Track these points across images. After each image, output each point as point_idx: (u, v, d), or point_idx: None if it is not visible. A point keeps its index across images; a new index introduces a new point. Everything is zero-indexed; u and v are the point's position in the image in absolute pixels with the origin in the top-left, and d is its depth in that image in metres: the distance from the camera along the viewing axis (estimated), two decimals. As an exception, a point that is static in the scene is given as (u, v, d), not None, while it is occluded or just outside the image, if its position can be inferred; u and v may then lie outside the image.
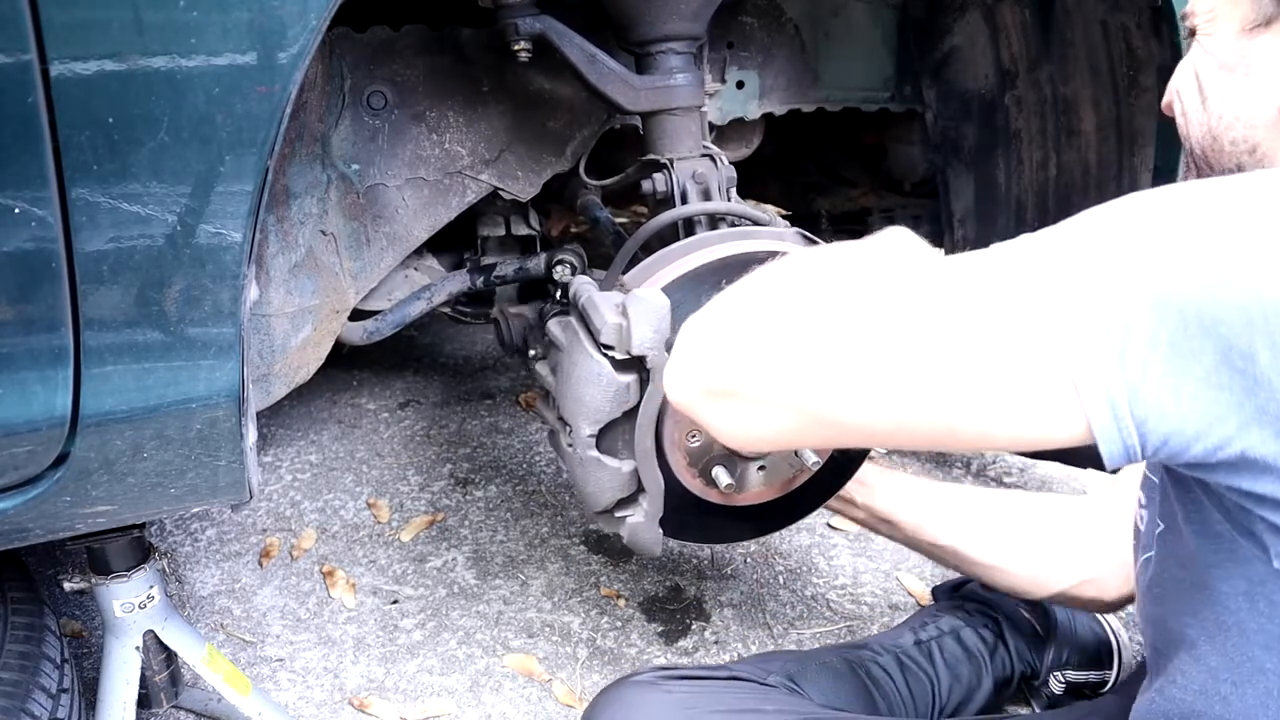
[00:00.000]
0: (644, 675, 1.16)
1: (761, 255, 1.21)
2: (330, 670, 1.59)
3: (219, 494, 1.13)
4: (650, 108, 1.38)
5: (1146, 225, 0.63)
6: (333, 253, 1.52)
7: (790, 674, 1.22)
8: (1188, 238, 0.61)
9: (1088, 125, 1.73)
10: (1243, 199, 0.63)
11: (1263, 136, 0.80)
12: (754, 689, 1.17)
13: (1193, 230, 0.62)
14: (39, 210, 0.86)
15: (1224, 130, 0.82)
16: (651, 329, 1.12)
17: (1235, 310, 0.58)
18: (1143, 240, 0.62)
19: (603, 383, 1.15)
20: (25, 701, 1.14)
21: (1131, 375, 0.61)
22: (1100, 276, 0.62)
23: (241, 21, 0.87)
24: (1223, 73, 0.82)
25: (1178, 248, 0.61)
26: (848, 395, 0.70)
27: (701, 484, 1.27)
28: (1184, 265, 0.60)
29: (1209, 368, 0.59)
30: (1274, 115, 0.78)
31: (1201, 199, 0.64)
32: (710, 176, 1.41)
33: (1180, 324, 0.60)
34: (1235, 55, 0.80)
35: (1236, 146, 0.81)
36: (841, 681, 1.25)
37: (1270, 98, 0.78)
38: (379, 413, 2.44)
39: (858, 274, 0.79)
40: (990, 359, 0.65)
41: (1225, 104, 0.82)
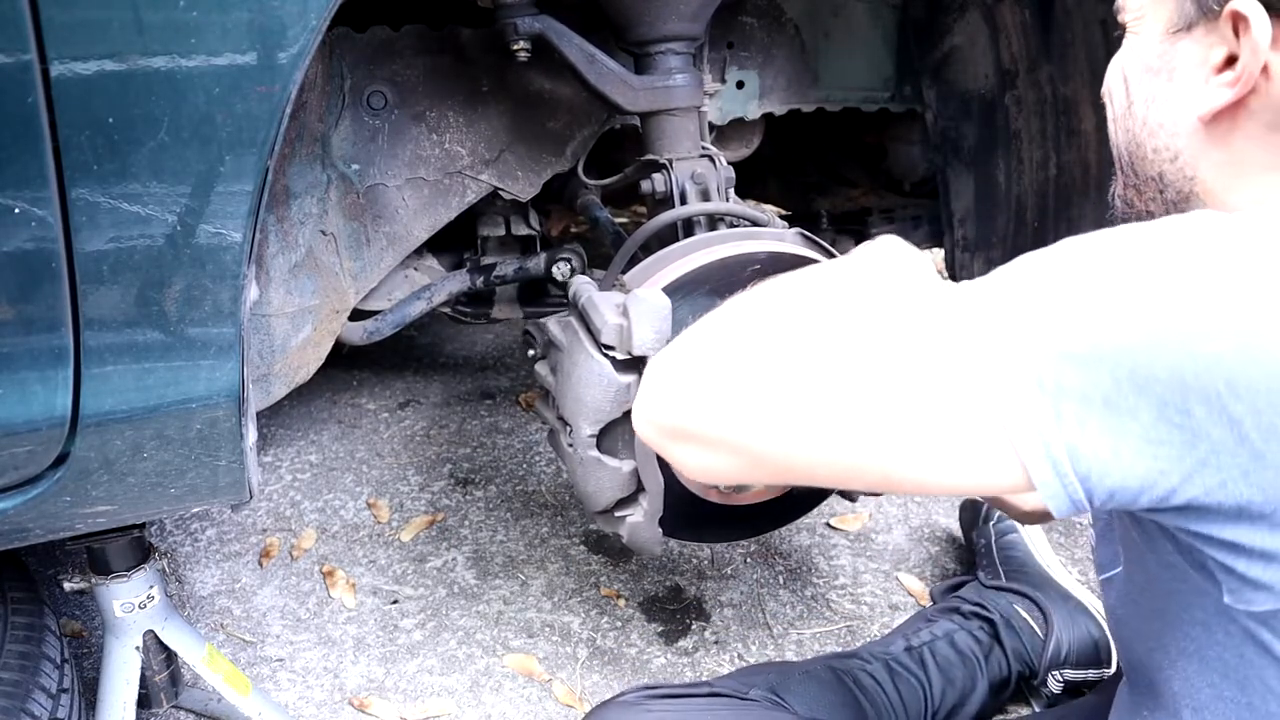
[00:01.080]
0: (629, 696, 1.16)
1: (760, 255, 1.21)
2: (330, 670, 1.59)
3: (219, 494, 1.13)
4: (649, 108, 1.38)
5: (1082, 278, 0.64)
6: (333, 253, 1.52)
7: (772, 686, 1.21)
8: (1120, 293, 0.61)
9: (1088, 125, 1.73)
10: (1174, 251, 0.63)
11: (1184, 144, 0.77)
12: (734, 705, 1.16)
13: (1125, 284, 0.62)
14: (39, 210, 0.86)
15: (1147, 136, 0.79)
16: (652, 329, 1.12)
17: (1168, 369, 0.59)
18: (1077, 294, 0.63)
19: (604, 383, 1.16)
20: (25, 701, 1.14)
21: (1070, 434, 0.61)
22: (1035, 332, 0.62)
23: (241, 21, 0.87)
24: (1147, 76, 0.79)
25: (1110, 303, 0.61)
26: (788, 441, 0.71)
27: (701, 484, 1.27)
28: (1116, 322, 0.61)
29: (1147, 424, 0.60)
30: (1193, 123, 0.75)
31: (1135, 250, 0.64)
32: (709, 177, 1.41)
33: (1114, 382, 0.60)
34: (1159, 58, 0.78)
35: (1159, 154, 0.79)
36: (827, 691, 1.24)
37: (1190, 105, 0.75)
38: (379, 413, 2.44)
39: (809, 313, 0.79)
40: (926, 410, 0.65)
41: (1149, 109, 0.79)
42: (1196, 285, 0.60)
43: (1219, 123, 0.74)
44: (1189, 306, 0.60)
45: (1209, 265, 0.61)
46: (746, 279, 1.21)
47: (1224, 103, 0.72)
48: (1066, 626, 1.45)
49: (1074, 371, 0.61)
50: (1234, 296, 0.60)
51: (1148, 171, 0.80)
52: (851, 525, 1.96)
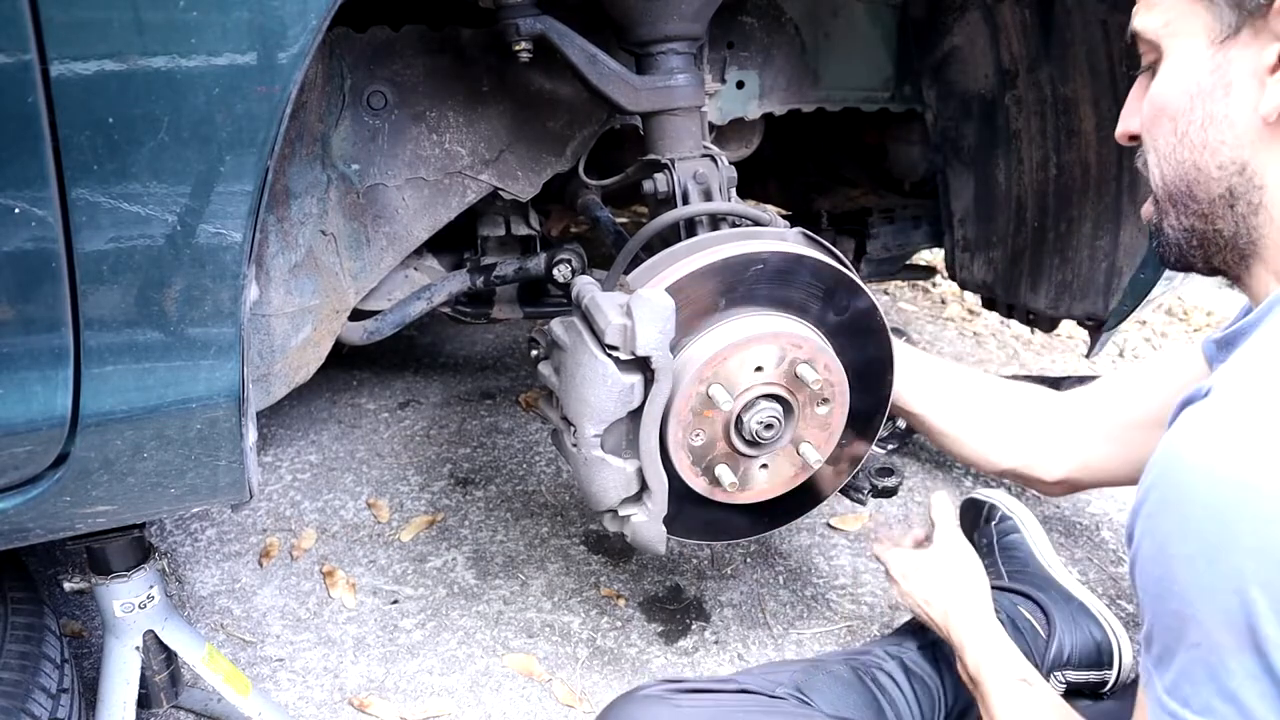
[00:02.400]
0: (652, 689, 1.16)
1: (763, 255, 1.22)
2: (330, 670, 1.59)
3: (219, 494, 1.13)
4: (651, 108, 1.38)
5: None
6: (333, 253, 1.52)
7: (798, 685, 1.22)
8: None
9: (1088, 125, 1.73)
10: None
11: (1250, 154, 0.76)
12: (763, 703, 1.17)
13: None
14: (39, 210, 0.86)
15: (1209, 158, 0.78)
16: (657, 330, 1.13)
17: None
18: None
19: (608, 383, 1.16)
20: (25, 701, 1.14)
21: None
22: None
23: (241, 21, 0.87)
24: (1199, 99, 0.78)
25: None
26: None
27: (705, 483, 1.27)
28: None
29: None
30: (1258, 125, 0.75)
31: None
32: (711, 177, 1.41)
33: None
34: (1211, 74, 0.77)
35: (1225, 170, 0.78)
36: (849, 691, 1.25)
37: (1252, 111, 0.75)
38: (379, 413, 2.44)
39: None
40: None
41: (1207, 131, 0.78)
42: None
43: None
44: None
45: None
46: (750, 279, 1.22)
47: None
48: (1068, 627, 1.45)
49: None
50: None
51: (1213, 192, 0.79)
52: (851, 525, 1.96)
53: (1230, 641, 0.60)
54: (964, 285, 2.14)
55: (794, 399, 1.26)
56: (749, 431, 1.24)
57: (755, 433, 1.23)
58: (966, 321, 3.32)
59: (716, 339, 1.21)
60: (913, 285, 3.61)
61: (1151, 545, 0.65)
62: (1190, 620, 0.62)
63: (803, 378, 1.23)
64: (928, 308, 3.45)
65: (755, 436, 1.24)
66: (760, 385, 1.23)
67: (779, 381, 1.24)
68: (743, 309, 1.23)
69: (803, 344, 1.23)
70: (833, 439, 1.31)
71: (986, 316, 3.29)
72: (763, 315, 1.24)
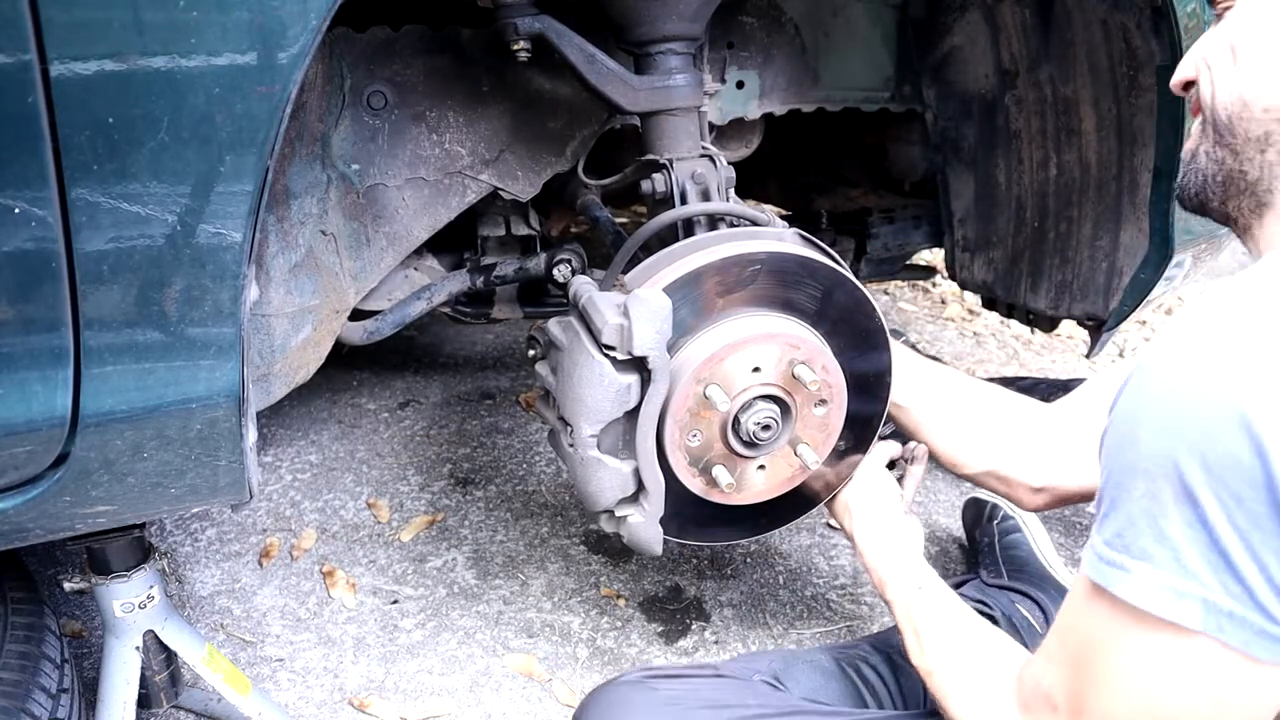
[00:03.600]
0: (632, 675, 1.18)
1: (760, 255, 1.21)
2: (330, 670, 1.59)
3: (219, 494, 1.13)
4: (649, 108, 1.38)
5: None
6: (333, 253, 1.52)
7: (775, 672, 1.23)
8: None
9: (1088, 125, 1.73)
10: None
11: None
12: (738, 685, 1.18)
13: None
14: (39, 210, 0.86)
15: (1256, 95, 0.81)
16: (653, 329, 1.12)
17: None
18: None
19: (604, 383, 1.16)
20: (25, 701, 1.14)
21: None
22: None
23: (241, 21, 0.87)
24: (1262, 36, 0.81)
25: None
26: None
27: (702, 483, 1.27)
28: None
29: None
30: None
31: None
32: (709, 177, 1.41)
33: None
34: (1275, 19, 0.79)
35: (1269, 114, 0.80)
36: (829, 679, 1.25)
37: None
38: (379, 413, 2.44)
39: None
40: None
41: (1261, 67, 0.81)
42: None
43: None
44: None
45: None
46: (747, 279, 1.21)
47: None
48: None
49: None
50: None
51: (1252, 132, 0.82)
52: (851, 525, 1.96)
53: (1170, 492, 0.67)
54: (964, 285, 2.14)
55: (791, 400, 1.25)
56: (746, 432, 1.23)
57: (752, 434, 1.23)
58: (966, 321, 3.32)
59: (714, 339, 1.20)
60: (913, 285, 3.62)
61: (1123, 410, 0.73)
62: (1141, 473, 0.69)
63: (800, 378, 1.23)
64: (928, 308, 3.45)
65: (752, 437, 1.23)
66: (758, 386, 1.22)
67: (776, 382, 1.23)
68: (740, 309, 1.23)
69: (800, 345, 1.22)
70: (831, 440, 1.31)
71: (986, 316, 3.29)
72: (760, 316, 1.23)
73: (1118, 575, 0.71)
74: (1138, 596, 0.69)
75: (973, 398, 1.41)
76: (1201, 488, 0.65)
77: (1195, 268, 1.76)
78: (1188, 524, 0.66)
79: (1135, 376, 0.72)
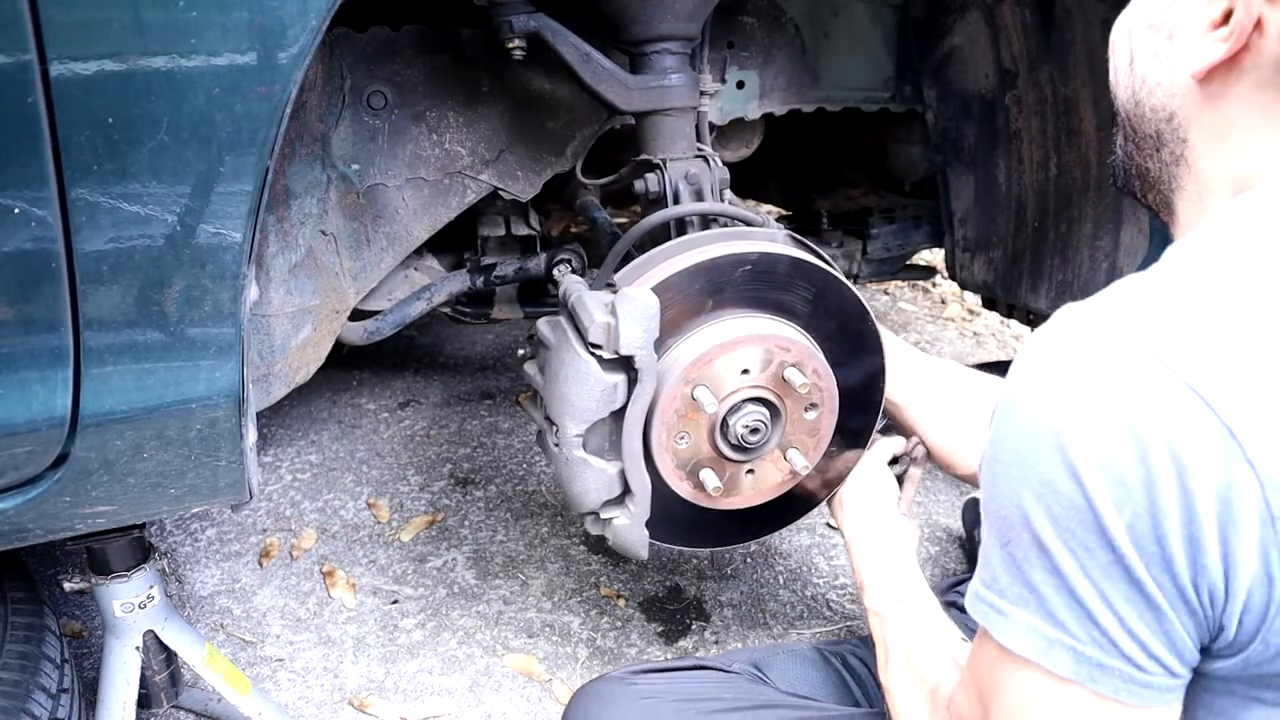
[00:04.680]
0: (615, 674, 1.19)
1: (751, 255, 1.20)
2: (330, 670, 1.59)
3: (219, 494, 1.13)
4: (644, 108, 1.38)
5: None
6: (333, 253, 1.52)
7: (755, 661, 1.23)
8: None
9: (1088, 125, 1.73)
10: None
11: (1179, 104, 0.74)
12: (716, 677, 1.18)
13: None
14: (39, 210, 0.86)
15: (1145, 95, 0.77)
16: (640, 329, 1.10)
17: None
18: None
19: (590, 382, 1.14)
20: (25, 701, 1.14)
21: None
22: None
23: (241, 21, 0.87)
24: (1150, 32, 0.77)
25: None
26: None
27: (690, 487, 1.25)
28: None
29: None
30: (1188, 83, 0.73)
31: None
32: (703, 177, 1.41)
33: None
34: (1162, 13, 0.76)
35: (1156, 113, 0.77)
36: (812, 669, 1.24)
37: (1187, 64, 0.72)
38: (379, 413, 2.44)
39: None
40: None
41: (1149, 66, 0.77)
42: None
43: (1212, 81, 0.72)
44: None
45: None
46: (737, 280, 1.20)
47: (1217, 58, 0.70)
48: None
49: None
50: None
51: (1145, 130, 0.79)
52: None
53: (1027, 540, 0.66)
54: (964, 285, 2.14)
55: (781, 403, 1.23)
56: (735, 435, 1.21)
57: (741, 437, 1.21)
58: (966, 321, 3.32)
59: (702, 340, 1.18)
60: (913, 285, 3.61)
61: (989, 452, 0.71)
62: (1001, 519, 0.68)
63: (790, 381, 1.20)
64: (928, 308, 3.44)
65: (741, 441, 1.21)
66: (747, 388, 1.20)
67: (766, 385, 1.21)
68: (730, 310, 1.21)
69: (790, 347, 1.20)
70: (821, 445, 1.28)
71: (986, 316, 3.29)
72: (750, 317, 1.21)
73: (995, 618, 0.70)
74: (1012, 641, 0.68)
75: (969, 396, 1.38)
76: (1051, 538, 0.64)
77: (1195, 268, 1.75)
78: (1047, 572, 0.65)
79: (998, 408, 0.70)
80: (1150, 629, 0.63)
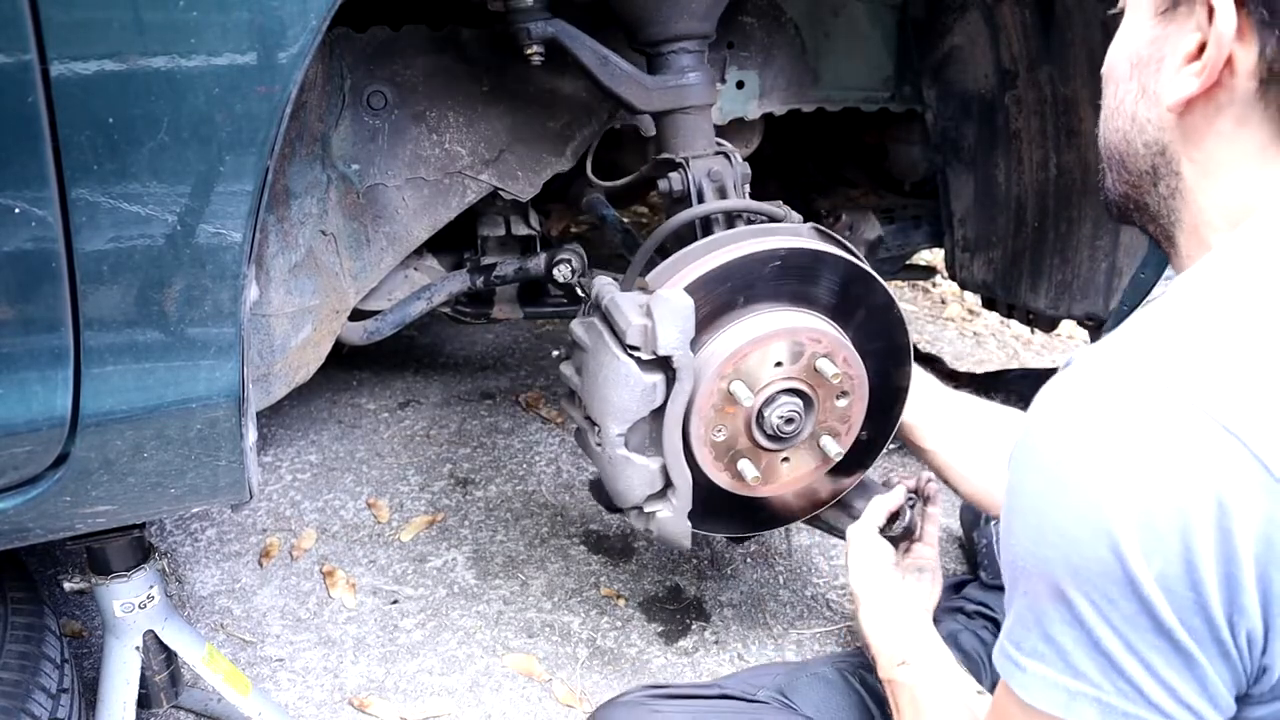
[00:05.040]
0: (632, 695, 1.17)
1: (780, 251, 1.23)
2: (330, 670, 1.59)
3: (219, 494, 1.13)
4: (663, 107, 1.39)
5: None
6: (333, 253, 1.52)
7: (780, 687, 1.21)
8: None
9: (1088, 125, 1.73)
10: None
11: (1169, 139, 0.73)
12: (743, 707, 1.17)
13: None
14: (39, 210, 0.86)
15: (1137, 132, 0.75)
16: (677, 329, 1.14)
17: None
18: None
19: (630, 383, 1.17)
20: (25, 701, 1.14)
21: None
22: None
23: (241, 21, 0.87)
24: (1137, 70, 0.75)
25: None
26: None
27: (729, 477, 1.29)
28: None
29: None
30: (1173, 116, 0.71)
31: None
32: (725, 174, 1.42)
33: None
34: (1149, 45, 0.73)
35: (1149, 149, 0.75)
36: (835, 692, 1.24)
37: (1171, 93, 0.70)
38: (379, 413, 2.44)
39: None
40: None
41: (1138, 104, 0.75)
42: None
43: (1192, 115, 0.71)
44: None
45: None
46: (767, 275, 1.23)
47: (1190, 93, 0.68)
48: None
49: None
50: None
51: (1140, 167, 0.77)
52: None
53: (1045, 590, 0.65)
54: (964, 285, 2.14)
55: (814, 393, 1.27)
56: (770, 426, 1.25)
57: (776, 427, 1.25)
58: (966, 321, 3.31)
59: (736, 336, 1.22)
60: (913, 285, 3.61)
61: (1006, 501, 0.69)
62: (1020, 571, 0.67)
63: (822, 371, 1.25)
64: (928, 308, 3.44)
65: (776, 431, 1.26)
66: (780, 380, 1.25)
67: (799, 376, 1.25)
68: (761, 305, 1.25)
69: (821, 338, 1.25)
70: (853, 431, 1.33)
71: (986, 316, 3.29)
72: (781, 311, 1.25)
73: (1015, 671, 0.68)
74: (1031, 695, 0.67)
75: (984, 421, 1.37)
76: (1072, 589, 0.63)
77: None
78: (1066, 623, 0.64)
79: (1016, 456, 0.69)
80: (1180, 675, 0.61)
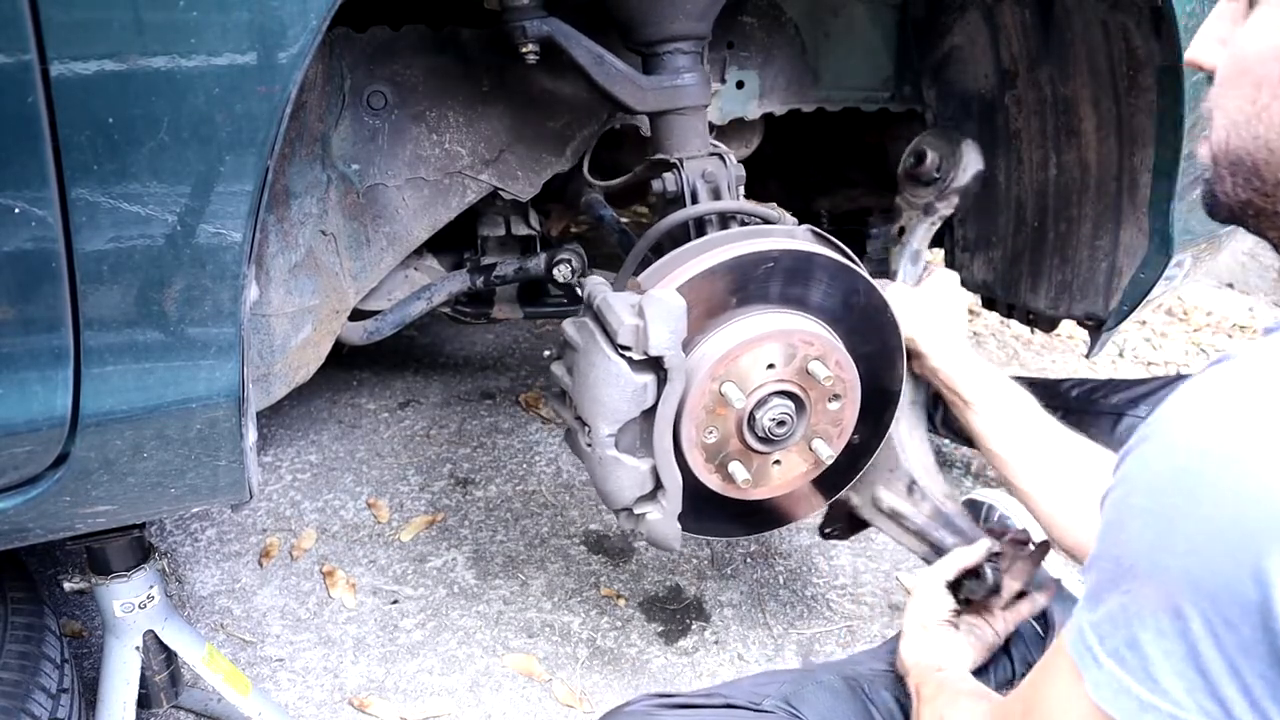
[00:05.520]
0: (637, 705, 1.16)
1: (773, 253, 1.22)
2: (330, 670, 1.59)
3: (219, 494, 1.13)
4: (658, 108, 1.39)
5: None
6: (333, 253, 1.52)
7: (786, 696, 1.20)
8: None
9: (1088, 125, 1.73)
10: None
11: None
12: (749, 717, 1.15)
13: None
14: (39, 210, 0.86)
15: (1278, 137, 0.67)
16: (668, 329, 1.14)
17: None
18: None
19: (621, 383, 1.17)
20: (25, 701, 1.14)
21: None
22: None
23: (241, 21, 0.87)
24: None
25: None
26: None
27: (720, 479, 1.29)
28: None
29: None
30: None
31: None
32: (720, 175, 1.42)
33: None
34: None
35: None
36: (840, 701, 1.23)
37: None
38: (379, 413, 2.44)
39: None
40: None
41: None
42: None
43: None
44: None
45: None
46: (760, 277, 1.23)
47: None
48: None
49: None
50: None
51: (1278, 176, 0.69)
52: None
53: (1152, 598, 0.62)
54: (964, 285, 2.13)
55: (806, 395, 1.27)
56: (761, 428, 1.25)
57: (768, 429, 1.25)
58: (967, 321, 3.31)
59: (728, 337, 1.22)
60: (913, 285, 3.61)
61: (1121, 489, 0.66)
62: (1126, 569, 0.64)
63: (814, 374, 1.24)
64: (928, 308, 3.44)
65: (768, 433, 1.25)
66: (772, 382, 1.24)
67: (790, 378, 1.25)
68: (754, 307, 1.24)
69: (814, 341, 1.24)
70: (845, 434, 1.33)
71: (986, 316, 3.29)
72: (774, 313, 1.25)
73: (1091, 665, 0.66)
74: (1100, 694, 0.65)
75: (1068, 454, 1.30)
76: (1188, 605, 0.60)
77: (1195, 267, 1.76)
78: (1165, 636, 0.61)
79: (1139, 450, 0.65)
80: (1278, 706, 0.58)
